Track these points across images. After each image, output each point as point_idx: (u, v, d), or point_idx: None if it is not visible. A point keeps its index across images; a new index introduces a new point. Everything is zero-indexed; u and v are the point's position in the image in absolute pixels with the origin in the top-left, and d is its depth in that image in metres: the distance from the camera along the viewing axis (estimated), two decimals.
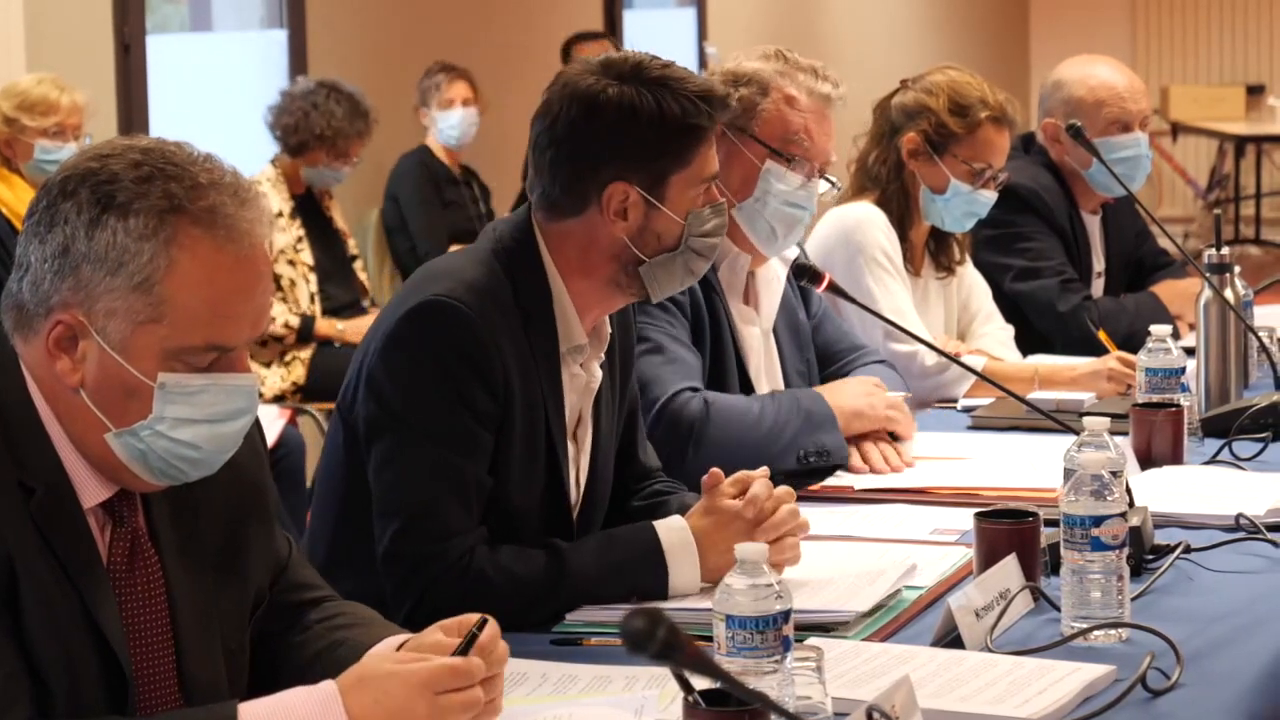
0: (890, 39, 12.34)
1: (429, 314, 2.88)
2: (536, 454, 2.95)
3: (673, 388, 3.51)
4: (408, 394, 2.88)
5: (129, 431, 2.22)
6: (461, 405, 2.86)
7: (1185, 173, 13.95)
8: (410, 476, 2.86)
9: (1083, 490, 2.66)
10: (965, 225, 4.53)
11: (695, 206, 2.99)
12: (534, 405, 2.94)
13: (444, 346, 2.87)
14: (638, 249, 2.97)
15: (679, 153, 2.96)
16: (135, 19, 6.92)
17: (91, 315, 2.20)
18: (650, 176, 2.96)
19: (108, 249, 2.18)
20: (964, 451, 3.85)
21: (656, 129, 2.94)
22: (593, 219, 2.97)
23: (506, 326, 2.91)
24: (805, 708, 2.29)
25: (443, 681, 2.21)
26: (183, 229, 2.19)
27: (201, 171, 2.23)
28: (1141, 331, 4.00)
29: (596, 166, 2.95)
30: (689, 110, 2.95)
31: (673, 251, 2.99)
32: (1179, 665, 2.50)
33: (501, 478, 2.91)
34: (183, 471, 2.26)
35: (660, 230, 2.98)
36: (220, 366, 2.24)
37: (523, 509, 2.95)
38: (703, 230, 3.00)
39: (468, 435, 2.87)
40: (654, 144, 2.95)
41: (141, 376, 2.20)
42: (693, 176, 2.98)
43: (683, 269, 3.01)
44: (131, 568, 2.29)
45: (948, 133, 4.44)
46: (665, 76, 2.96)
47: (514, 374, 2.90)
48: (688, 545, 2.91)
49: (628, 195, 2.95)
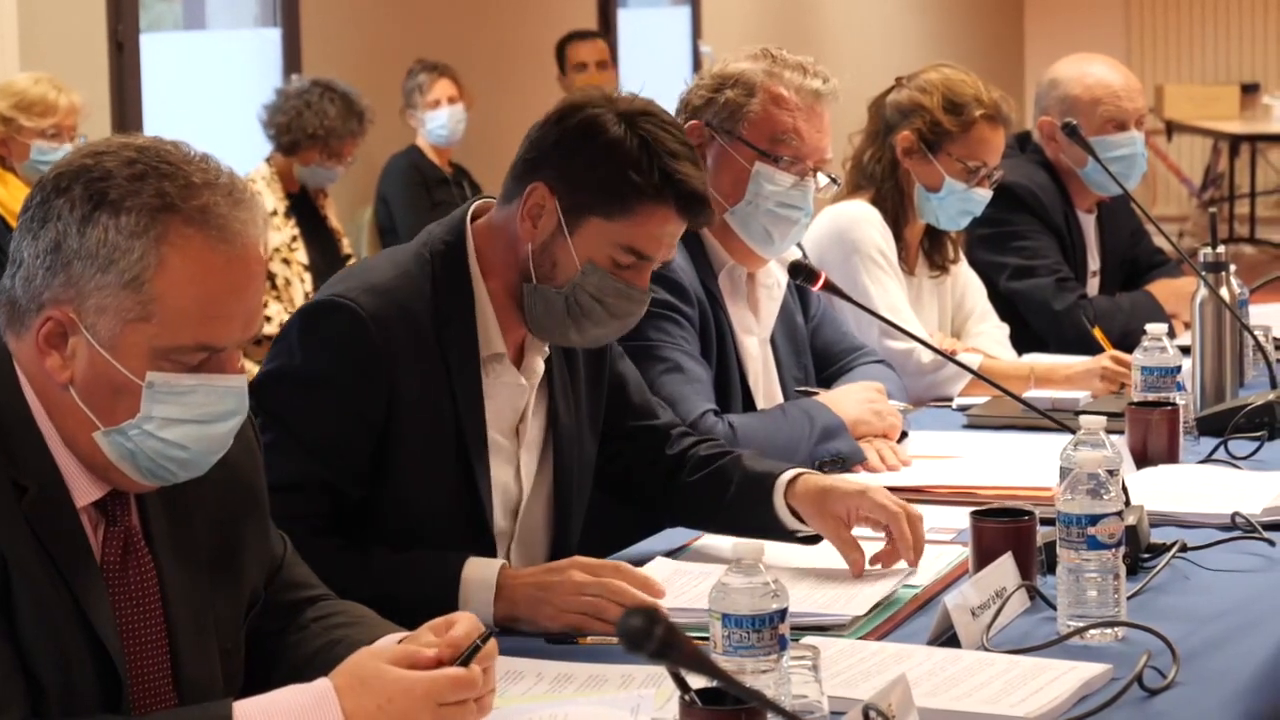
0: (885, 37, 12.34)
1: (321, 313, 2.92)
2: (443, 460, 2.94)
3: (697, 409, 3.50)
4: (281, 385, 2.91)
5: (117, 430, 2.21)
6: (331, 408, 2.87)
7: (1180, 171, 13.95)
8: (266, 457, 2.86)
9: (1079, 489, 2.66)
10: (960, 223, 4.53)
11: (603, 265, 2.93)
12: (439, 411, 2.92)
13: (326, 346, 2.89)
14: (533, 265, 2.94)
15: (609, 199, 2.91)
16: (129, 17, 6.92)
17: (82, 312, 2.19)
18: (573, 201, 2.92)
19: (99, 246, 2.18)
20: (960, 450, 3.85)
21: (603, 161, 2.90)
22: (514, 211, 2.96)
23: (409, 331, 2.90)
24: (802, 706, 2.28)
25: (446, 693, 2.20)
26: (174, 228, 2.19)
27: (196, 171, 2.22)
28: (1137, 330, 3.99)
29: (537, 163, 2.95)
30: (645, 168, 2.89)
31: (558, 289, 2.94)
32: (1175, 664, 2.49)
33: (394, 483, 2.91)
34: (171, 472, 2.25)
35: (557, 259, 2.94)
36: (211, 367, 2.23)
37: (429, 514, 2.94)
38: (599, 294, 2.93)
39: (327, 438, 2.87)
40: (592, 171, 2.91)
41: (130, 375, 2.20)
42: (614, 233, 2.92)
43: (563, 315, 2.94)
44: (125, 567, 2.28)
45: (942, 131, 4.44)
46: (660, 140, 2.91)
47: (408, 380, 2.89)
48: (486, 584, 2.82)
49: (544, 204, 2.93)
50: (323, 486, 2.90)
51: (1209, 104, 13.85)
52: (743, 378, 3.75)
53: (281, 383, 2.92)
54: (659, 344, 3.51)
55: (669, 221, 2.93)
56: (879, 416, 3.74)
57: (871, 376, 3.91)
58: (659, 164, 2.90)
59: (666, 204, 2.91)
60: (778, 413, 3.66)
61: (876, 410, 3.74)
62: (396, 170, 8.08)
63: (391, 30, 8.44)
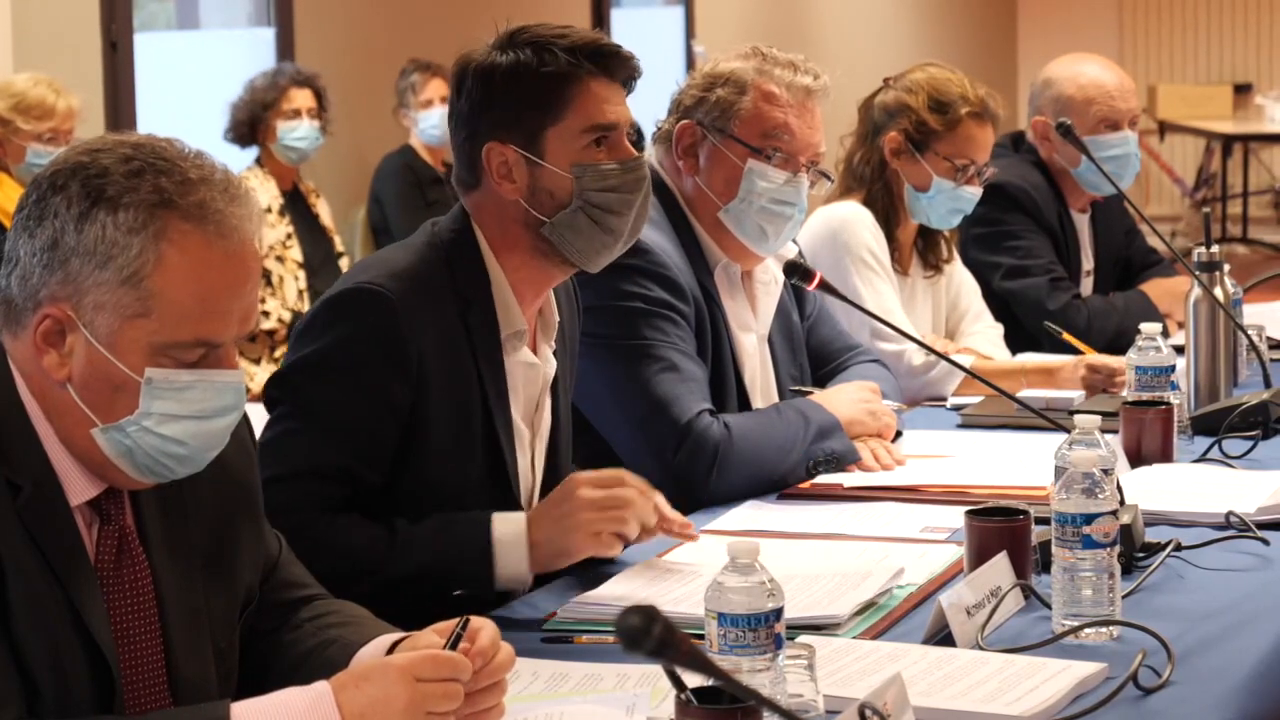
0: (878, 37, 12.34)
1: (348, 300, 2.93)
2: (472, 440, 2.97)
3: (692, 409, 3.50)
4: (306, 374, 2.92)
5: (115, 427, 2.21)
6: (359, 394, 2.89)
7: (1173, 171, 13.96)
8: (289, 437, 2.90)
9: (1074, 488, 2.66)
10: (951, 222, 4.53)
11: (585, 160, 2.98)
12: (467, 394, 2.95)
13: (356, 333, 2.90)
14: (534, 210, 2.99)
15: (546, 105, 2.97)
16: (122, 17, 6.91)
17: (80, 309, 2.19)
18: (522, 134, 2.98)
19: (96, 242, 2.18)
20: (954, 450, 3.85)
21: (516, 83, 2.97)
22: (489, 187, 3.00)
23: (437, 315, 2.93)
24: (797, 705, 2.29)
25: (423, 669, 2.21)
26: (172, 224, 2.19)
27: (192, 167, 2.22)
28: (1131, 330, 4.00)
29: (475, 133, 3.00)
30: (548, 60, 2.96)
31: (571, 208, 2.98)
32: (1170, 663, 2.49)
33: (421, 462, 2.93)
34: (169, 469, 2.25)
35: (550, 187, 2.99)
36: (208, 363, 2.23)
37: (459, 498, 2.96)
38: (602, 185, 2.99)
39: (353, 425, 2.89)
40: (516, 99, 2.97)
41: (128, 371, 2.20)
42: (571, 127, 2.98)
43: (589, 224, 3.00)
44: (119, 566, 2.28)
45: (928, 130, 4.45)
46: (541, 35, 2.98)
47: (437, 363, 2.92)
48: (519, 538, 2.92)
49: (505, 156, 2.98)
50: (343, 472, 2.91)
51: (1202, 104, 13.85)
52: (738, 376, 3.75)
53: (308, 370, 2.93)
54: (655, 343, 3.51)
55: (601, 86, 3.00)
56: (873, 416, 3.74)
57: (866, 376, 3.91)
58: (558, 52, 2.96)
59: (587, 73, 2.99)
60: (773, 412, 3.66)
61: (871, 410, 3.75)
62: (389, 170, 8.08)
63: (384, 30, 8.43)
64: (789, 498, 3.52)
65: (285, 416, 2.94)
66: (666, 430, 3.46)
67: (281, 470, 2.85)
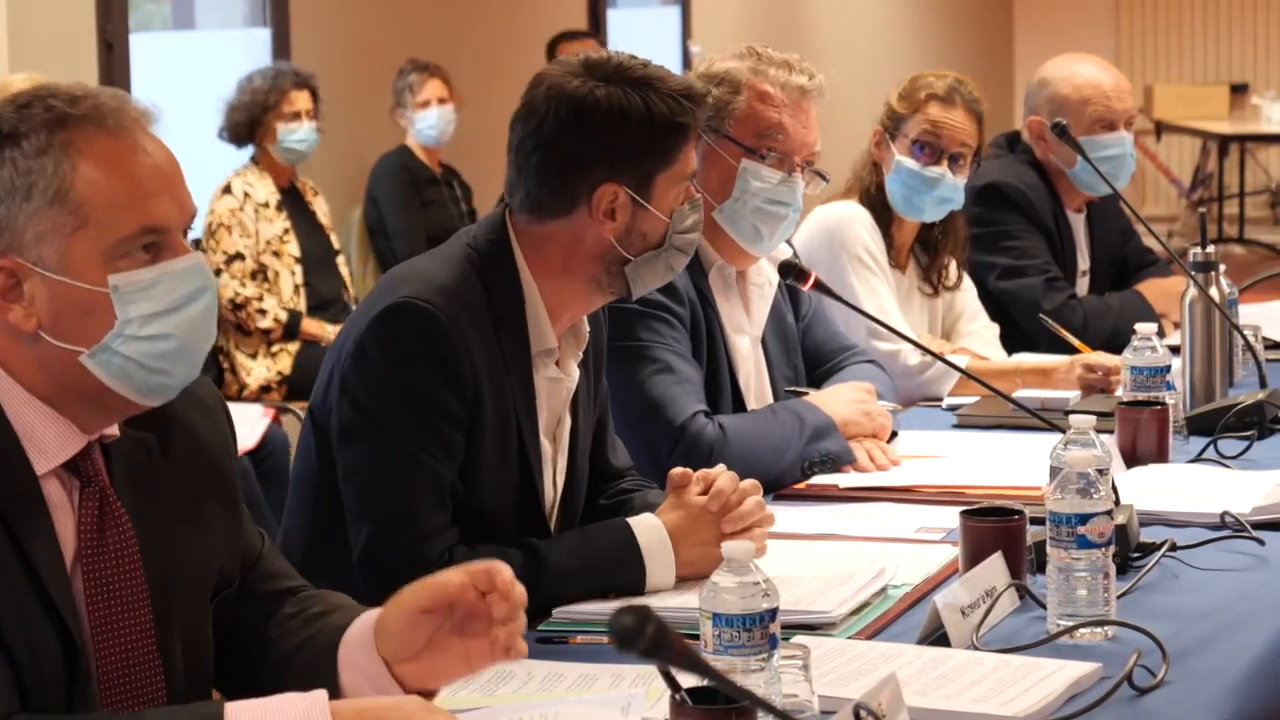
0: (874, 38, 12.35)
1: (399, 316, 2.89)
2: (508, 456, 2.96)
3: (687, 411, 3.50)
4: (381, 397, 2.89)
5: (101, 348, 2.21)
6: (432, 407, 2.87)
7: (1169, 171, 13.97)
8: (385, 480, 2.87)
9: (1069, 488, 2.66)
10: (925, 212, 4.49)
11: (678, 204, 3.02)
12: (505, 408, 2.94)
13: (414, 349, 2.87)
14: (624, 249, 2.99)
15: (665, 152, 2.98)
16: (118, 17, 6.91)
17: (24, 250, 2.19)
18: (638, 177, 2.97)
19: (13, 179, 2.19)
20: (949, 450, 3.85)
21: (646, 130, 2.96)
22: (580, 220, 2.98)
23: (476, 329, 2.91)
24: (792, 706, 2.29)
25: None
26: (74, 133, 2.21)
27: (77, 88, 2.25)
28: (1126, 330, 4.00)
29: (588, 168, 2.96)
30: (675, 109, 2.97)
31: (657, 250, 3.01)
32: (1165, 663, 2.50)
33: (473, 480, 2.92)
34: (166, 371, 2.24)
35: (646, 230, 2.99)
36: (163, 256, 2.23)
37: (496, 511, 2.96)
38: (684, 227, 3.04)
39: (440, 437, 2.87)
40: (643, 145, 2.96)
41: (92, 287, 2.19)
42: (677, 175, 3.01)
43: (664, 266, 3.04)
44: (102, 527, 2.26)
45: (897, 116, 4.50)
46: (649, 76, 2.99)
47: (483, 377, 2.90)
48: (664, 542, 2.93)
49: (617, 196, 2.97)
50: (453, 488, 2.90)
51: (1198, 104, 13.86)
52: (733, 377, 3.75)
53: (386, 397, 2.89)
54: (649, 344, 3.52)
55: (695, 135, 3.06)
56: (869, 417, 3.74)
57: (861, 376, 3.91)
58: (675, 100, 2.97)
59: (696, 122, 3.03)
60: (768, 413, 3.66)
61: (866, 410, 3.75)
62: (386, 170, 8.07)
63: (381, 30, 8.43)
64: (784, 498, 3.53)
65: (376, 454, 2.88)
66: (661, 431, 3.46)
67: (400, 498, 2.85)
